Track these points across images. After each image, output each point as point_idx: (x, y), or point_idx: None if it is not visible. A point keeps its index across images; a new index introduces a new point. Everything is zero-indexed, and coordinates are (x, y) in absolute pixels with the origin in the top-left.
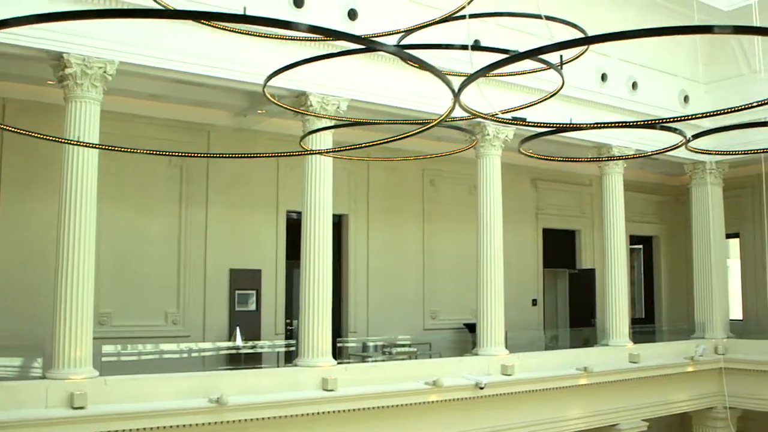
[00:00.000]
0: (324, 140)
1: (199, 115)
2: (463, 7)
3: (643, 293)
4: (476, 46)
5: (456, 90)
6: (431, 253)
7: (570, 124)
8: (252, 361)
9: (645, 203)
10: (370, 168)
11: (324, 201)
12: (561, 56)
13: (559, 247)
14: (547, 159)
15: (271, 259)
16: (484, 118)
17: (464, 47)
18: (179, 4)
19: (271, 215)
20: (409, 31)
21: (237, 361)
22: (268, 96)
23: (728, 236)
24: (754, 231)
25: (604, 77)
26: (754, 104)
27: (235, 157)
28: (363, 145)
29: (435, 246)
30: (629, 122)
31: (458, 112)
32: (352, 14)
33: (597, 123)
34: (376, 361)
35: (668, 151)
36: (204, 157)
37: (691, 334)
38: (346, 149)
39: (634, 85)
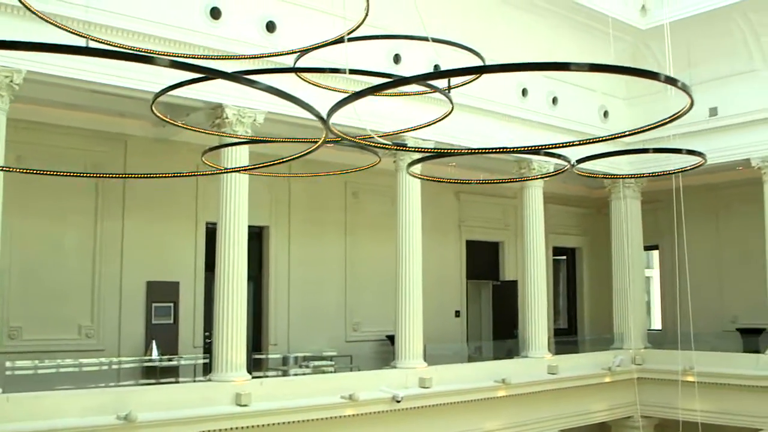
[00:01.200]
0: (241, 154)
1: (115, 124)
2: (358, 27)
3: (566, 304)
4: (355, 70)
5: (325, 116)
6: (354, 264)
7: (450, 149)
8: (169, 375)
9: (568, 215)
10: (291, 179)
11: (240, 212)
12: (449, 81)
13: (482, 259)
14: (454, 182)
15: (189, 271)
16: (356, 142)
17: (343, 71)
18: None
19: (190, 226)
20: (304, 52)
21: (153, 375)
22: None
23: (648, 248)
24: (672, 243)
25: (525, 92)
26: (646, 128)
27: (151, 177)
28: (271, 163)
29: (358, 257)
30: (515, 148)
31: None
32: (270, 26)
33: (475, 149)
34: (294, 374)
35: (553, 176)
36: (117, 177)
37: (611, 344)
38: (262, 166)
39: (555, 101)
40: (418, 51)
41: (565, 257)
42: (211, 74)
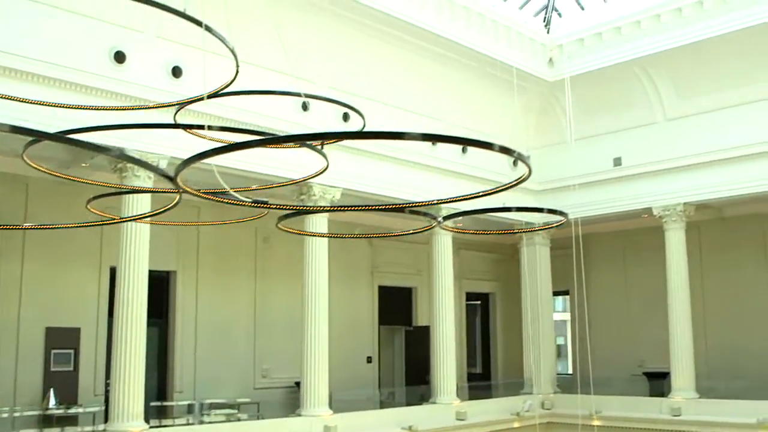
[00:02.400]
0: (142, 200)
1: (17, 166)
2: (230, 83)
3: (481, 349)
4: (214, 127)
5: (174, 174)
6: (264, 309)
7: (304, 206)
8: (68, 424)
9: (482, 261)
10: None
11: (140, 257)
12: (322, 143)
13: (395, 305)
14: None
15: (92, 316)
16: (215, 200)
17: (201, 127)
18: None
19: (93, 270)
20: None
21: (51, 424)
22: None
23: (560, 293)
24: (581, 288)
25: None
26: (491, 191)
27: (52, 228)
28: (164, 209)
29: (268, 302)
30: (372, 206)
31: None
32: (177, 71)
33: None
34: (196, 423)
35: (425, 230)
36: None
37: (521, 389)
38: (156, 213)
39: (465, 149)
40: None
41: (479, 302)
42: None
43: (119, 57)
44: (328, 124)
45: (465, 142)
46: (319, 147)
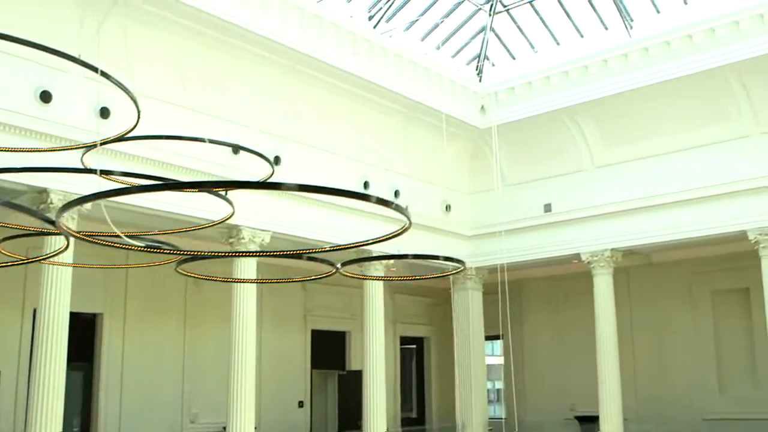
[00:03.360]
0: (61, 241)
1: None
2: (131, 130)
3: (415, 393)
4: (107, 171)
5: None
6: (193, 353)
7: (199, 252)
8: None
9: (417, 305)
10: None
11: (60, 299)
12: (226, 191)
13: (329, 349)
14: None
15: (13, 358)
16: (104, 243)
17: (93, 171)
18: None
19: (16, 312)
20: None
21: None
22: None
23: (494, 338)
24: (515, 333)
25: (366, 185)
26: (368, 242)
27: None
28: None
29: (198, 346)
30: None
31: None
32: (105, 112)
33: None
34: None
35: (325, 277)
36: None
37: None
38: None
39: (397, 194)
40: (256, 142)
41: (414, 346)
42: None
43: (45, 97)
44: (259, 167)
45: (343, 194)
46: (223, 193)
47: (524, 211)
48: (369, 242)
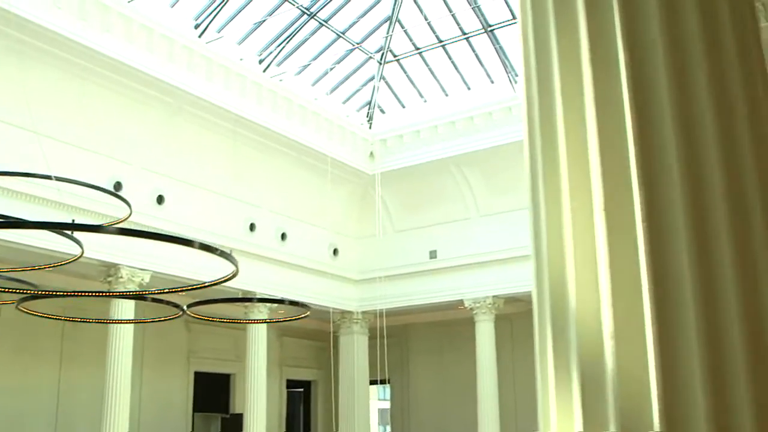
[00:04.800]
0: None
1: None
2: None
3: None
4: None
5: None
6: (68, 397)
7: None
8: None
9: (304, 348)
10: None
11: None
12: (73, 220)
13: (212, 391)
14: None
15: None
16: None
17: None
18: None
19: None
20: None
21: None
22: None
23: (381, 382)
24: (401, 377)
25: (252, 227)
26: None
27: None
28: None
29: (73, 390)
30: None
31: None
32: None
33: None
34: None
35: (169, 319)
36: None
37: None
38: None
39: (284, 236)
40: (140, 180)
41: (302, 390)
42: None
43: None
44: (142, 205)
45: (163, 239)
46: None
47: (411, 257)
48: (198, 286)
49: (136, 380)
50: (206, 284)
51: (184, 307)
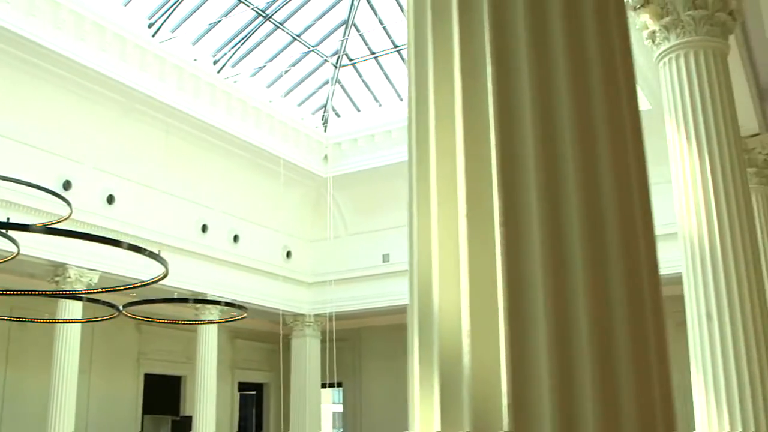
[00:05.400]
0: None
1: None
2: None
3: None
4: None
5: None
6: (13, 400)
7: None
8: None
9: (257, 351)
10: None
11: None
12: (8, 219)
13: (162, 393)
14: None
15: None
16: None
17: None
18: None
19: None
20: None
21: None
22: None
23: (334, 385)
24: (354, 381)
25: (204, 228)
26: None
27: None
28: None
29: (19, 392)
30: None
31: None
32: None
33: None
34: None
35: (106, 318)
36: None
37: None
38: None
39: (236, 238)
40: (90, 180)
41: (254, 392)
42: None
43: None
44: (92, 205)
45: (91, 239)
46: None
47: (364, 260)
48: (129, 286)
49: (83, 382)
50: (138, 285)
51: (120, 307)
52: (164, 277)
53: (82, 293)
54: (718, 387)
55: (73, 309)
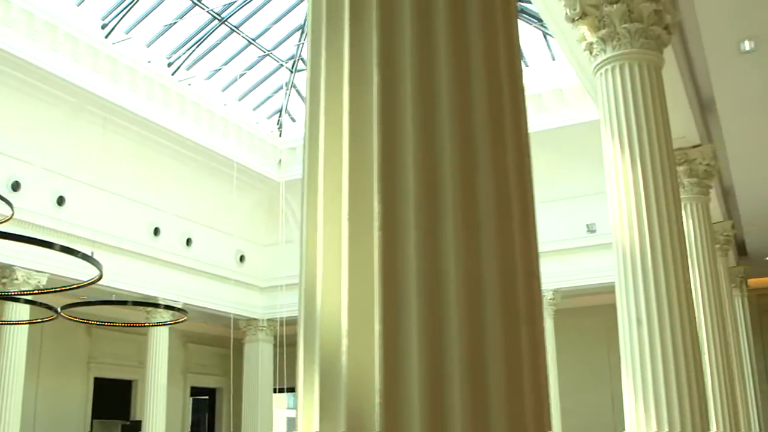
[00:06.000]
0: None
1: None
2: None
3: None
4: None
5: None
6: None
7: None
8: None
9: (210, 355)
10: None
11: None
12: None
13: (113, 398)
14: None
15: None
16: None
17: None
18: None
19: None
20: None
21: None
22: None
23: (288, 390)
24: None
25: (157, 231)
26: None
27: None
28: None
29: None
30: None
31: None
32: None
33: None
34: None
35: (46, 321)
36: None
37: None
38: None
39: (189, 242)
40: (40, 181)
41: (207, 397)
42: None
43: None
44: (41, 206)
45: (23, 240)
46: None
47: None
48: (63, 288)
49: (31, 385)
50: (72, 287)
51: (59, 309)
52: (99, 279)
53: (16, 294)
54: (646, 389)
55: (21, 311)
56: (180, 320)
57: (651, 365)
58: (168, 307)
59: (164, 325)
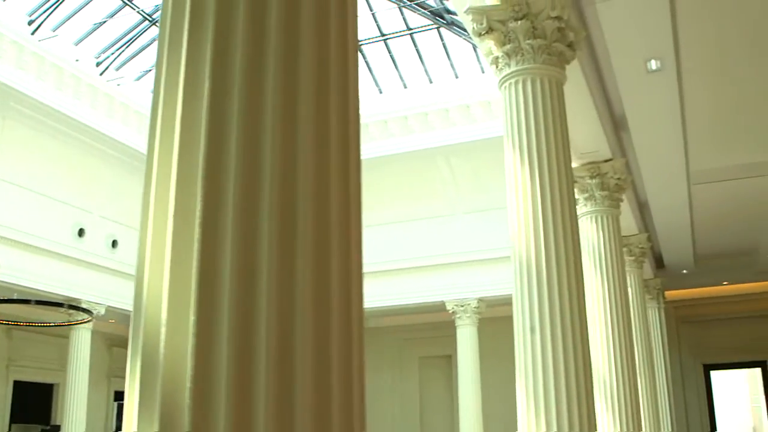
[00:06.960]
0: None
1: None
2: None
3: None
4: None
5: None
6: None
7: None
8: None
9: None
10: None
11: None
12: None
13: (33, 401)
14: None
15: None
16: None
17: None
18: None
19: None
20: None
21: None
22: None
23: None
24: None
25: (81, 233)
26: None
27: None
28: None
29: None
30: None
31: None
32: None
33: None
34: None
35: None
36: None
37: None
38: None
39: (115, 243)
40: None
41: None
42: None
43: None
44: None
45: None
46: None
47: None
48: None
49: None
50: None
51: None
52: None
53: None
54: (537, 392)
55: None
56: (84, 321)
57: (542, 369)
58: (72, 307)
59: (67, 325)
